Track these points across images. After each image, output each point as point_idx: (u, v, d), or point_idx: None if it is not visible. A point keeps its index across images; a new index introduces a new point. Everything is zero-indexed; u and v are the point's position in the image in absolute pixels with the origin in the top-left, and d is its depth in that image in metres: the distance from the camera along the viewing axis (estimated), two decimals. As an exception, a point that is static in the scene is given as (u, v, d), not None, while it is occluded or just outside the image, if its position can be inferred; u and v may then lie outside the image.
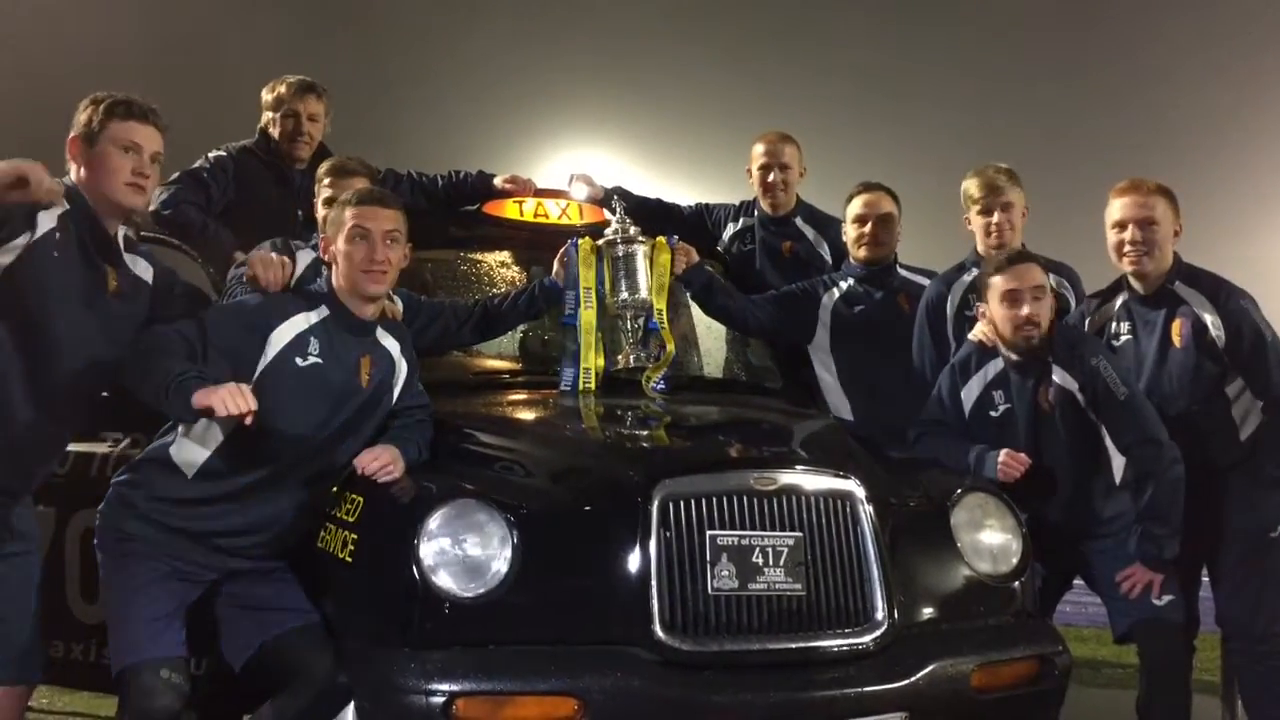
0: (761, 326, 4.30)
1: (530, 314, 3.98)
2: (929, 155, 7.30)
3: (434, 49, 7.25)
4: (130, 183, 3.02)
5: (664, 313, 3.96)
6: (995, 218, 4.07)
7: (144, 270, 3.13)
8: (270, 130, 4.38)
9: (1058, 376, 3.69)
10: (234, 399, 2.82)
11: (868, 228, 4.28)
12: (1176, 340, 3.74)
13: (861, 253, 4.31)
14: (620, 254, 3.91)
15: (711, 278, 4.23)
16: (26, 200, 2.89)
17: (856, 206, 4.32)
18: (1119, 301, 3.90)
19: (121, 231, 3.10)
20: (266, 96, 4.40)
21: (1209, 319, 3.68)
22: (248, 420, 2.86)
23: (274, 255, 3.28)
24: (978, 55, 7.70)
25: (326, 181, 3.68)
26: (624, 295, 3.88)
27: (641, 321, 3.94)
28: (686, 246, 4.09)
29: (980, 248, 4.13)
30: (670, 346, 3.92)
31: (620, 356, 3.88)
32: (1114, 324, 3.90)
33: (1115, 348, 3.83)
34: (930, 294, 4.19)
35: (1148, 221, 3.77)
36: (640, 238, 3.94)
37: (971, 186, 4.14)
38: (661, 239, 4.01)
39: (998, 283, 3.72)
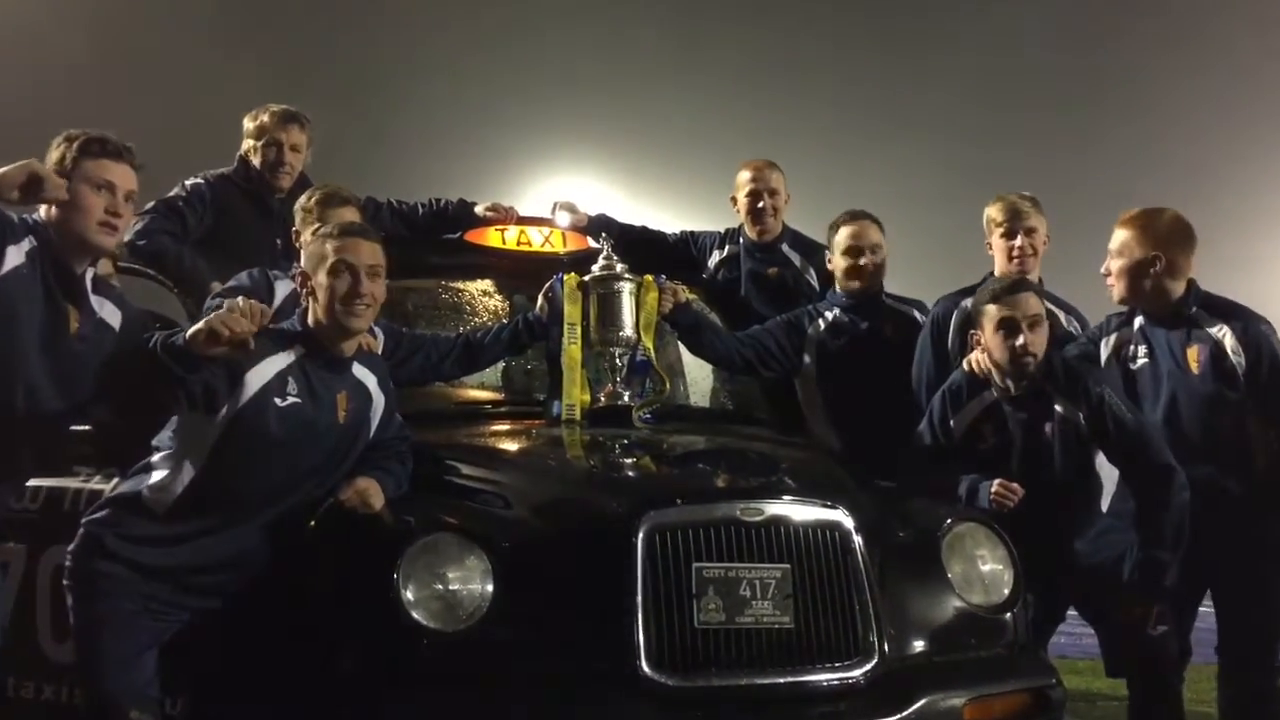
0: (749, 365, 4.30)
1: (513, 349, 3.97)
2: (919, 182, 7.33)
3: (414, 75, 7.27)
4: (103, 222, 3.01)
5: (652, 350, 3.95)
6: (1018, 241, 4.09)
7: (110, 314, 3.10)
8: (251, 158, 4.37)
9: (1061, 408, 3.67)
10: (235, 322, 2.82)
11: (863, 260, 4.28)
12: (1194, 366, 3.74)
13: (855, 284, 4.31)
14: (606, 292, 3.91)
15: (699, 318, 4.24)
16: (38, 201, 2.90)
17: (844, 237, 4.32)
18: (1137, 323, 3.91)
19: (90, 272, 3.08)
20: (248, 124, 4.39)
21: (1228, 345, 3.68)
22: (250, 344, 2.85)
23: (240, 303, 3.22)
24: (975, 81, 7.75)
25: (316, 213, 3.65)
26: (609, 333, 3.88)
27: (627, 359, 3.93)
28: (674, 286, 4.09)
29: (999, 272, 4.12)
30: (667, 385, 3.95)
31: (605, 393, 3.88)
32: (1132, 346, 3.89)
33: (1133, 370, 3.83)
34: (938, 310, 4.19)
35: (1114, 253, 3.82)
36: (627, 275, 3.94)
37: (994, 211, 4.16)
38: (649, 277, 4.02)
39: (992, 311, 3.72)
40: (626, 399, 3.85)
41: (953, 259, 4.68)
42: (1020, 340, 3.65)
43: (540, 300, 3.95)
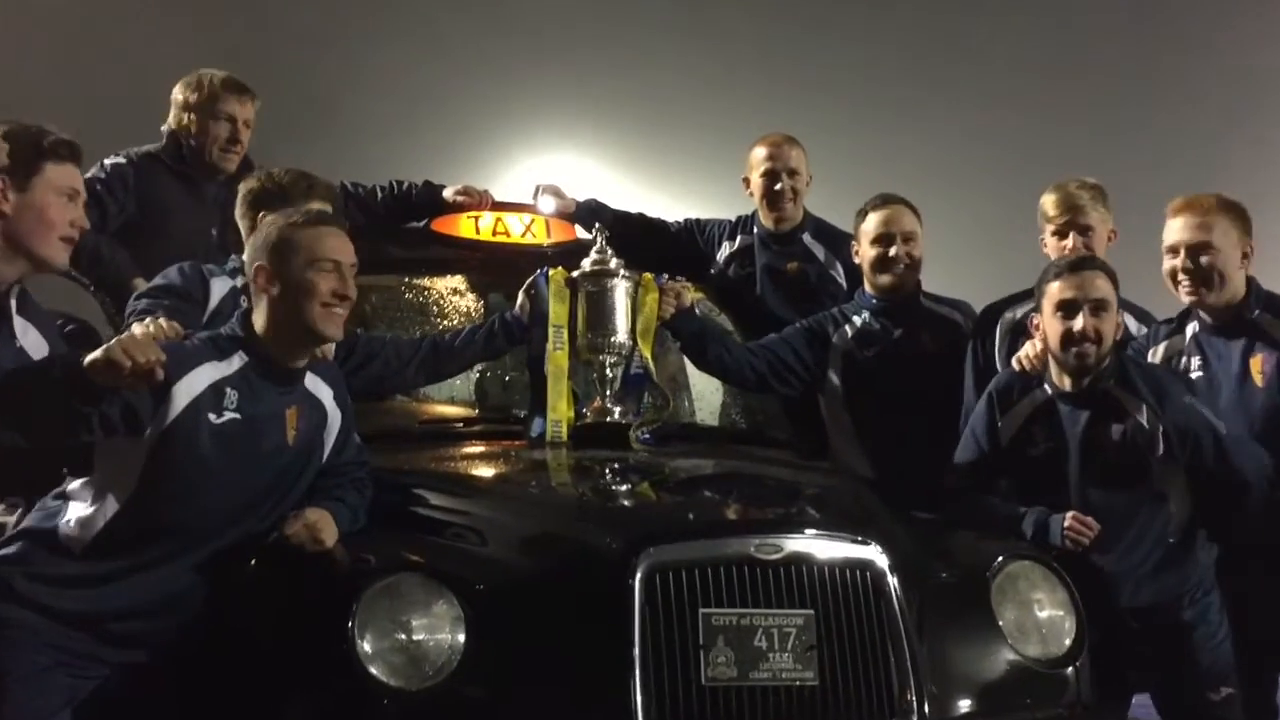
0: (763, 381, 4.31)
1: (489, 353, 3.99)
2: (966, 165, 7.34)
3: (369, 38, 7.27)
4: (66, 236, 3.05)
5: (650, 360, 3.97)
6: (1070, 241, 4.11)
7: (35, 343, 3.09)
8: (185, 133, 4.38)
9: (1141, 416, 3.69)
10: (139, 350, 2.81)
11: (893, 249, 4.30)
12: (1258, 378, 3.76)
13: (884, 279, 4.32)
14: (598, 289, 3.93)
15: (705, 325, 4.26)
16: None
17: (873, 224, 4.33)
18: (1189, 332, 3.94)
19: (17, 289, 3.09)
20: (185, 94, 4.38)
21: None
22: (158, 375, 2.85)
23: (151, 327, 3.23)
24: (1018, 48, 7.76)
25: (282, 197, 3.62)
26: (600, 338, 3.90)
27: (620, 369, 3.95)
28: (678, 287, 4.11)
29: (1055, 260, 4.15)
30: (670, 403, 3.99)
31: (592, 408, 3.90)
32: (1184, 358, 3.93)
33: None
34: (983, 320, 4.23)
35: (1204, 246, 3.82)
36: (624, 272, 3.96)
37: (1049, 203, 4.18)
38: (649, 276, 4.04)
39: (1053, 290, 3.74)
40: (617, 416, 3.87)
41: (1005, 255, 4.70)
42: (1079, 323, 3.68)
43: (521, 297, 3.97)
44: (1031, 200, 4.29)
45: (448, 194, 4.61)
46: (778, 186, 4.69)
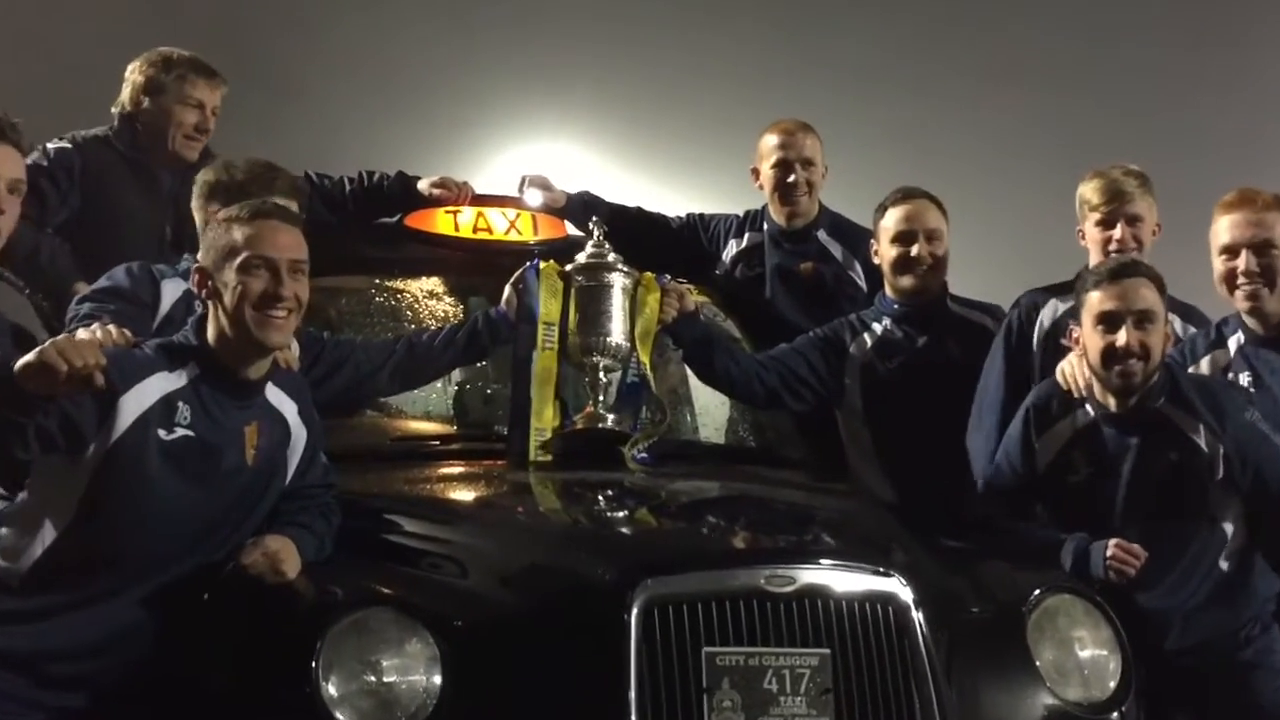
0: (773, 395, 4.31)
1: (471, 354, 3.99)
2: (986, 156, 7.33)
3: (335, 12, 7.24)
4: None
5: (649, 367, 3.97)
6: (1118, 232, 4.12)
7: None
8: (142, 117, 4.36)
9: (1198, 437, 3.68)
10: (77, 352, 2.79)
11: (915, 248, 4.30)
12: None
13: (905, 281, 4.33)
14: (594, 285, 3.93)
15: (709, 332, 4.24)
16: None
17: (893, 221, 4.33)
18: (1234, 345, 3.95)
19: None
20: (146, 74, 4.38)
21: None
22: (98, 380, 2.83)
23: (94, 333, 3.21)
24: (1054, 23, 7.74)
25: (239, 190, 3.59)
26: (594, 339, 3.90)
27: (615, 376, 3.95)
28: (680, 288, 4.11)
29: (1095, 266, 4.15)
30: (667, 416, 3.97)
31: (583, 414, 3.89)
32: (1230, 373, 3.93)
33: None
34: (1022, 309, 4.22)
35: (1265, 245, 3.81)
36: (622, 267, 3.96)
37: (1090, 191, 4.19)
38: (650, 275, 4.03)
39: (1093, 300, 3.75)
40: (610, 423, 3.87)
41: (1042, 256, 4.69)
42: (1123, 338, 3.68)
43: (508, 292, 3.97)
44: (1068, 191, 4.29)
45: (423, 186, 4.61)
46: (790, 178, 4.69)
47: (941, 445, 4.13)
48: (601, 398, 3.91)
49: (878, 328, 4.37)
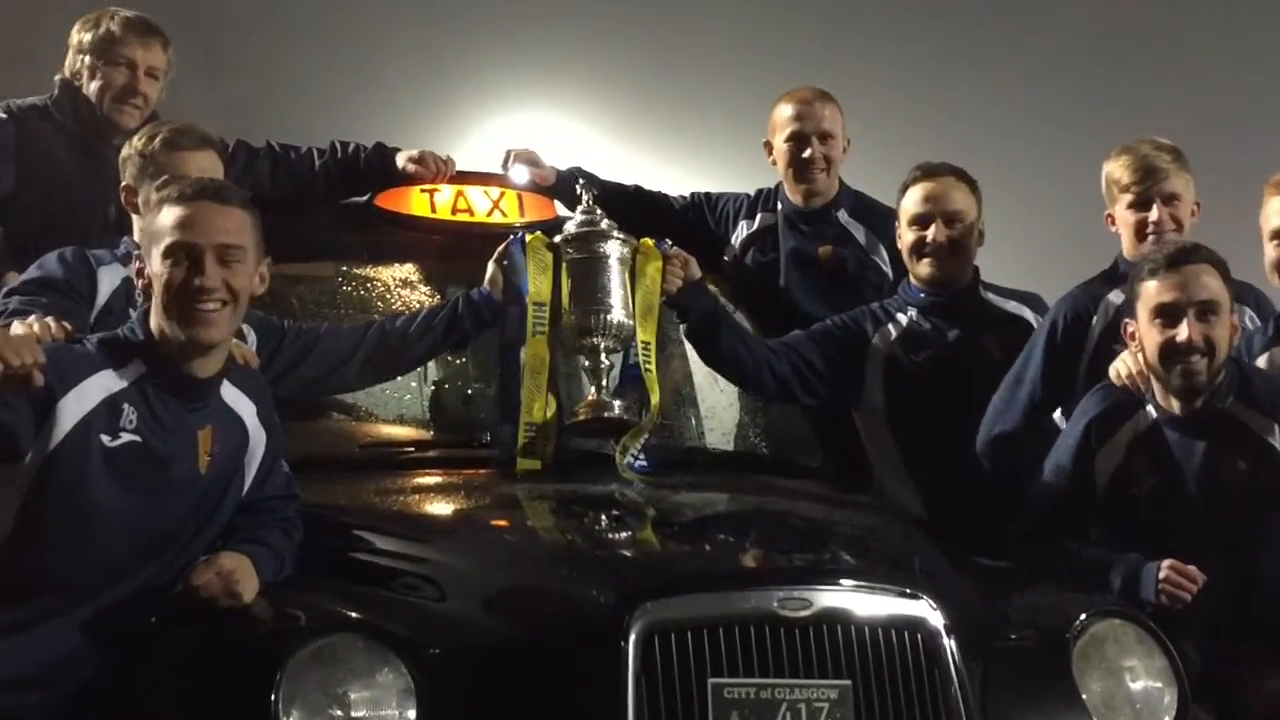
0: (784, 386, 4.32)
1: (450, 341, 3.99)
2: (1024, 129, 7.33)
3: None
4: None
5: (652, 349, 3.98)
6: (1154, 213, 4.14)
7: None
8: (81, 82, 4.37)
9: (1273, 438, 3.70)
10: (12, 349, 2.80)
11: (930, 231, 4.31)
12: None
13: (922, 269, 4.35)
14: (588, 257, 3.94)
15: (717, 307, 4.25)
16: None
17: (912, 200, 4.36)
18: None
19: None
20: (82, 35, 4.38)
21: None
22: (37, 379, 2.84)
23: (31, 327, 3.19)
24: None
25: (158, 161, 3.64)
26: (591, 317, 3.89)
27: (615, 359, 3.95)
28: (684, 255, 4.12)
29: (1129, 255, 4.17)
30: (655, 400, 3.92)
31: (584, 403, 3.89)
32: None
33: None
34: (1066, 309, 4.22)
35: None
36: (618, 233, 3.98)
37: (1119, 169, 4.20)
38: (649, 241, 4.04)
39: (1150, 291, 3.76)
40: (617, 411, 3.87)
41: (1083, 237, 4.70)
42: (1184, 332, 3.69)
43: (492, 269, 3.97)
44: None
45: (400, 160, 4.60)
46: (806, 153, 4.70)
47: (973, 451, 4.15)
48: (605, 383, 3.91)
49: (903, 318, 4.38)
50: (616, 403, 3.88)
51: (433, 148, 4.74)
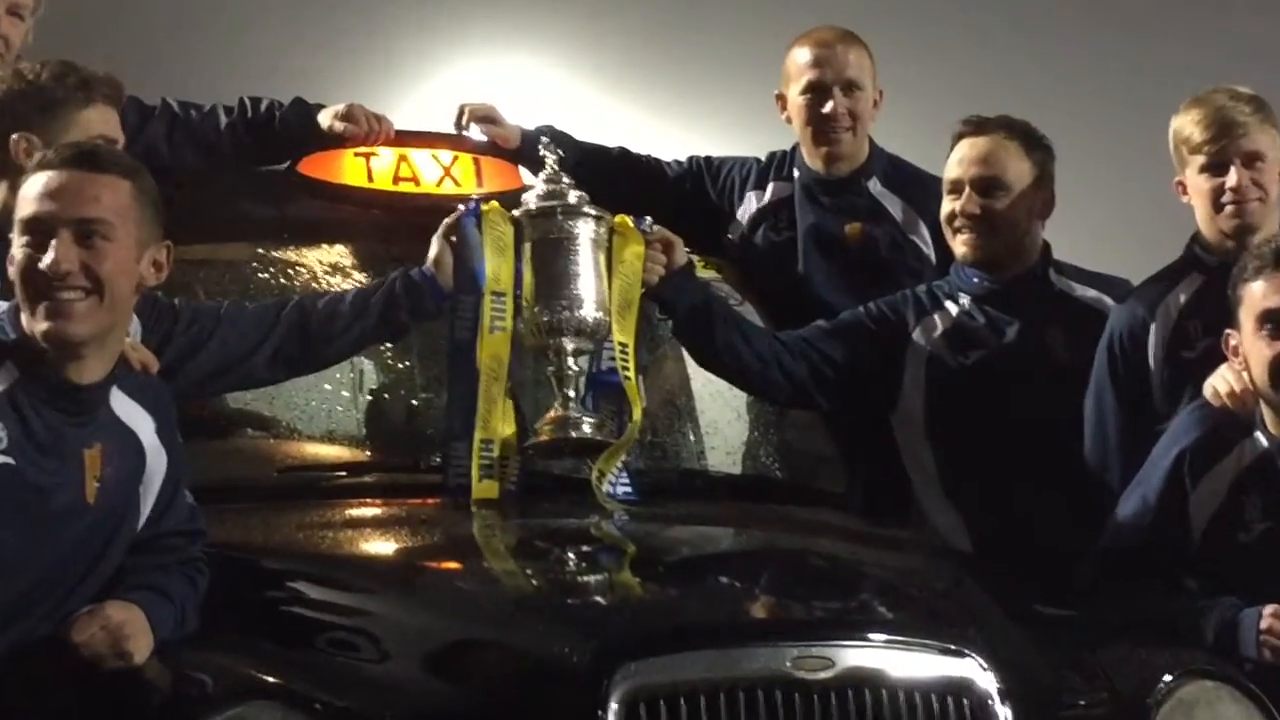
0: (800, 390, 4.34)
1: (384, 330, 4.00)
2: (1088, 81, 7.35)
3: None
4: None
5: (630, 351, 3.99)
6: (1232, 177, 4.15)
7: None
8: None
9: None
10: None
11: (960, 202, 4.33)
12: None
13: (957, 247, 4.38)
14: (554, 236, 3.96)
15: (709, 298, 4.27)
16: None
17: (950, 162, 4.39)
18: None
19: None
20: None
21: None
22: None
23: None
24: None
25: (34, 118, 3.64)
26: (558, 310, 3.91)
27: (585, 362, 3.97)
28: (667, 236, 4.14)
29: (1206, 231, 4.20)
30: (636, 414, 3.94)
31: (547, 419, 3.91)
32: None
33: None
34: (1120, 323, 4.25)
35: None
36: (590, 209, 3.99)
37: (1190, 125, 4.21)
38: (626, 219, 4.06)
39: (1254, 294, 3.80)
40: (587, 430, 3.89)
41: (1159, 210, 4.71)
42: None
43: (437, 246, 3.97)
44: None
45: (324, 119, 4.61)
46: (827, 106, 4.70)
47: (1038, 473, 4.17)
48: (573, 393, 3.93)
49: (952, 308, 4.41)
50: (586, 419, 3.90)
51: (371, 102, 4.75)
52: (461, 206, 4.03)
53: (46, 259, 3.09)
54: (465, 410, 3.90)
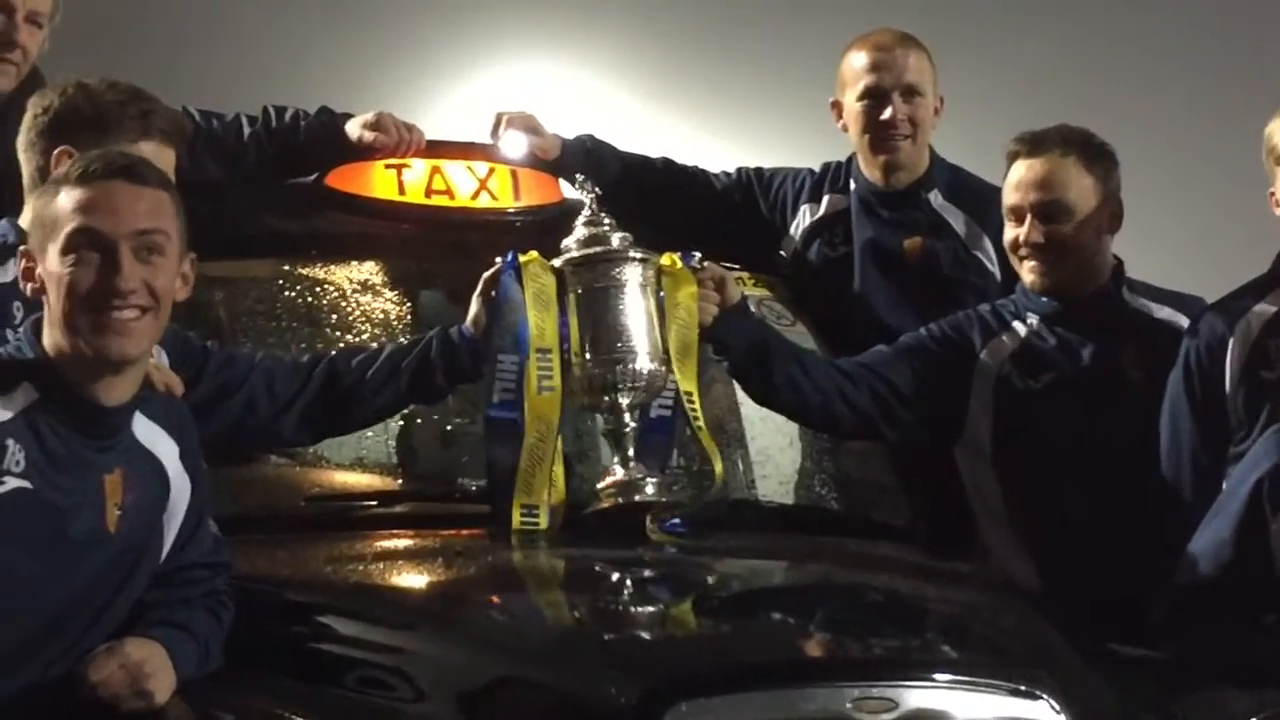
0: (866, 421, 4.32)
1: (419, 394, 4.01)
2: (1160, 88, 7.34)
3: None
4: None
5: (697, 399, 3.97)
6: None
7: None
8: None
9: None
10: None
11: (1023, 231, 4.31)
12: None
13: (1025, 274, 4.37)
14: (600, 286, 3.94)
15: (765, 334, 4.24)
16: None
17: (1009, 185, 4.37)
18: None
19: None
20: None
21: None
22: None
23: None
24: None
25: (46, 137, 3.67)
26: (607, 364, 3.90)
27: (635, 416, 3.94)
28: (718, 273, 4.11)
29: None
30: (718, 469, 3.94)
31: (608, 484, 3.90)
32: None
33: None
34: (1198, 337, 4.23)
35: None
36: (635, 251, 3.98)
37: None
38: (673, 257, 4.04)
39: None
40: (652, 491, 3.87)
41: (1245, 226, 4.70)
42: None
43: (476, 306, 3.98)
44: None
45: (353, 129, 4.62)
46: (885, 114, 4.70)
47: (1110, 505, 4.16)
48: (631, 451, 3.92)
49: (1020, 328, 4.39)
50: (650, 481, 3.88)
51: (402, 110, 4.76)
52: (499, 260, 3.98)
53: (110, 275, 3.11)
54: (505, 471, 3.89)
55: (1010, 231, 4.36)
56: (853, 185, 4.83)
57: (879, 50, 4.74)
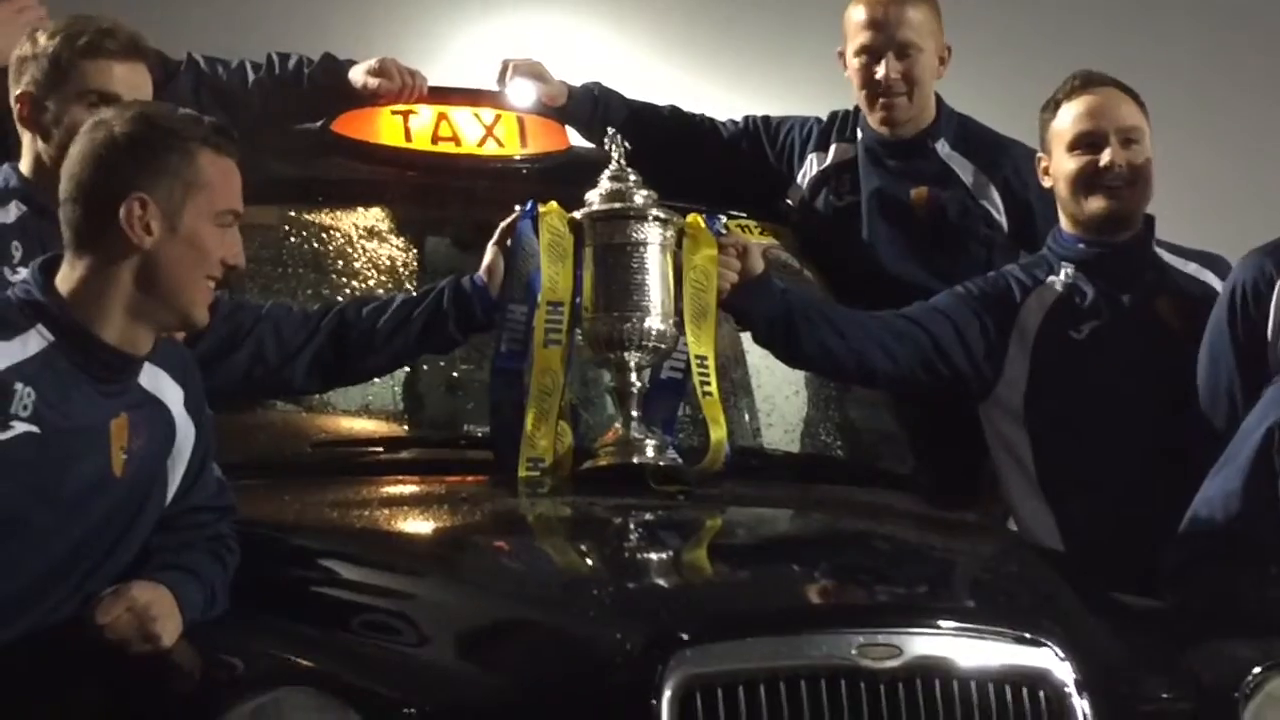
0: (908, 375, 4.30)
1: (430, 344, 4.00)
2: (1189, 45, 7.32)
3: None
4: None
5: (710, 364, 3.97)
6: None
7: None
8: None
9: None
10: None
11: (1106, 155, 4.29)
12: None
13: (1095, 204, 4.34)
14: (619, 243, 3.93)
15: (789, 303, 4.18)
16: None
17: (1072, 117, 4.35)
18: None
19: None
20: None
21: None
22: None
23: None
24: None
25: (47, 69, 3.71)
26: (623, 322, 3.88)
27: (647, 376, 3.94)
28: (741, 242, 4.11)
29: None
30: (717, 436, 3.92)
31: (606, 440, 3.90)
32: None
33: None
34: (1245, 274, 4.22)
35: None
36: (658, 210, 3.96)
37: None
38: (697, 218, 4.03)
39: None
40: (651, 452, 3.87)
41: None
42: None
43: (491, 253, 3.98)
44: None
45: (356, 75, 4.62)
46: (879, 72, 4.69)
47: (1147, 453, 4.18)
48: (635, 412, 3.91)
49: (1055, 281, 4.38)
50: (650, 441, 3.86)
51: (408, 57, 4.76)
52: (518, 208, 3.98)
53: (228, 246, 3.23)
54: (509, 424, 3.89)
55: (1080, 159, 4.32)
56: (860, 134, 4.82)
57: (875, 5, 4.70)
